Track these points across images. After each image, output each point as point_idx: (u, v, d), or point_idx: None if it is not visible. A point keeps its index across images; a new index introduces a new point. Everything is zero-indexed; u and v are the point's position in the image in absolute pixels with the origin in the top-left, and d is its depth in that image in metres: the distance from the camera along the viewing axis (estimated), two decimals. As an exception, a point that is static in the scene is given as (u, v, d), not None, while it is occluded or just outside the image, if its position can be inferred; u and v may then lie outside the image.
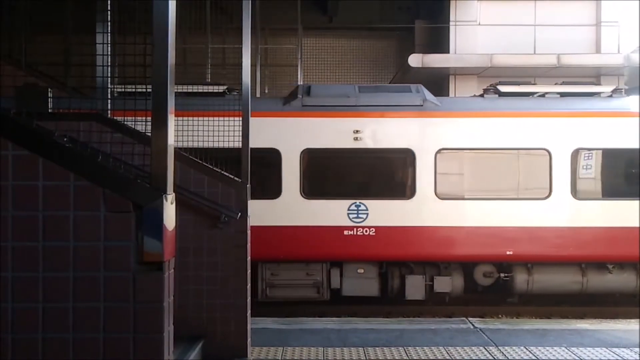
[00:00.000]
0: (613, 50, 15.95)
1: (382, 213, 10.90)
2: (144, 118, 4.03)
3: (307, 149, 11.02)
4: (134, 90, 3.72)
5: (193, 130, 10.60)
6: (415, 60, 15.27)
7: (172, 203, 3.27)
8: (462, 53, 15.94)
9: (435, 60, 15.52)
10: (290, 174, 10.99)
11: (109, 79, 6.30)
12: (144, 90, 3.45)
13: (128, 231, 3.13)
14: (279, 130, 11.05)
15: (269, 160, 11.00)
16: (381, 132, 11.06)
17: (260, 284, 11.09)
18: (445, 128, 11.04)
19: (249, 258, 6.36)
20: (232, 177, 6.47)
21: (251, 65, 6.90)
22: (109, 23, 5.90)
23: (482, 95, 11.64)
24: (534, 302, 11.40)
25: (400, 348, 6.98)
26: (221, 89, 11.33)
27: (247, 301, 6.26)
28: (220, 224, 6.10)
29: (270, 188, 10.99)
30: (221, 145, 10.72)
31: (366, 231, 10.86)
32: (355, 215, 10.88)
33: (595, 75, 15.83)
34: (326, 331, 7.83)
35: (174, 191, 3.30)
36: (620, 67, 15.27)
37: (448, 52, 16.21)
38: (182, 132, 10.61)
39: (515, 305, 11.33)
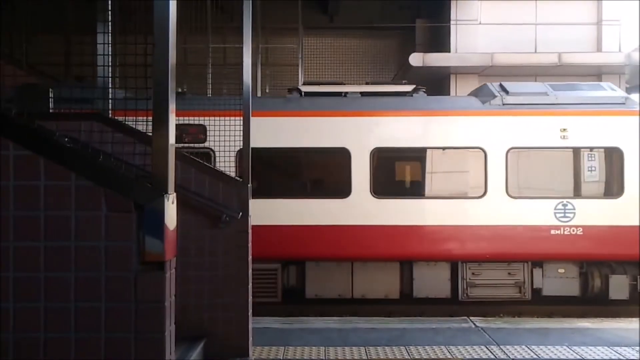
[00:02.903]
0: (614, 49, 15.94)
1: (589, 212, 10.84)
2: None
3: (513, 147, 11.00)
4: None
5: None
6: (416, 59, 15.28)
7: (173, 203, 3.26)
8: (463, 52, 15.93)
9: (436, 59, 15.52)
10: (496, 173, 10.97)
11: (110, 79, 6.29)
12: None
13: (129, 231, 3.13)
14: (483, 129, 11.04)
15: (473, 159, 11.06)
16: (587, 130, 10.97)
17: (460, 284, 11.16)
18: None
19: (250, 257, 6.36)
20: (233, 176, 6.47)
21: (252, 65, 6.89)
22: (110, 23, 5.90)
23: None
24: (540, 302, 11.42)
25: (401, 347, 6.98)
26: (408, 88, 11.45)
27: (248, 301, 6.26)
28: (222, 224, 6.09)
29: (475, 187, 11.02)
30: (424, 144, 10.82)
31: (573, 230, 10.81)
32: (562, 215, 10.85)
33: (597, 73, 15.82)
34: (327, 330, 7.83)
35: (175, 191, 3.30)
36: (622, 66, 15.27)
37: (449, 51, 16.21)
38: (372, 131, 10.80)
39: (516, 305, 11.32)
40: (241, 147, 10.87)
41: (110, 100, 6.43)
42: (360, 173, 10.99)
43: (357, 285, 11.25)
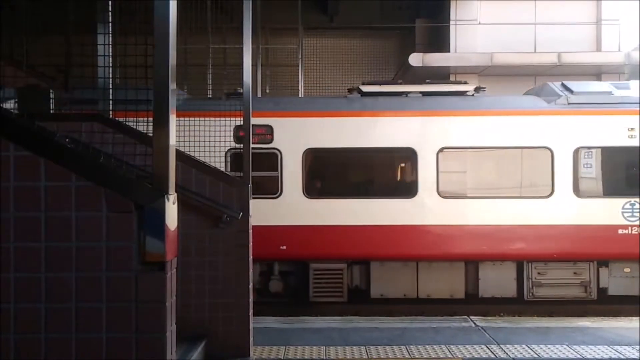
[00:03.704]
0: (614, 48, 15.95)
1: None
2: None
3: (580, 147, 10.98)
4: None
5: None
6: (415, 59, 15.28)
7: (173, 203, 3.27)
8: (462, 52, 15.94)
9: (435, 59, 15.52)
10: (563, 172, 10.97)
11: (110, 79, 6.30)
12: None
13: (130, 231, 3.13)
14: (550, 129, 11.01)
15: (540, 158, 11.03)
16: None
17: (526, 283, 11.16)
18: None
19: (250, 257, 6.36)
20: (233, 176, 6.48)
21: (252, 65, 6.90)
22: (110, 24, 5.90)
23: None
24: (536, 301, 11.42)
25: (402, 346, 6.98)
26: (470, 87, 11.50)
27: (249, 300, 6.26)
28: (222, 224, 6.09)
29: (542, 187, 11.01)
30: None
31: None
32: (630, 214, 10.84)
33: (596, 73, 15.83)
34: (328, 330, 7.83)
35: (175, 191, 3.30)
36: (621, 65, 15.27)
37: (448, 51, 16.21)
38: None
39: (516, 304, 11.33)
40: (308, 147, 11.07)
41: (110, 101, 6.45)
42: (427, 173, 10.97)
43: (422, 285, 11.23)
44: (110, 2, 6.09)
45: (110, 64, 6.06)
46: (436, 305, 11.28)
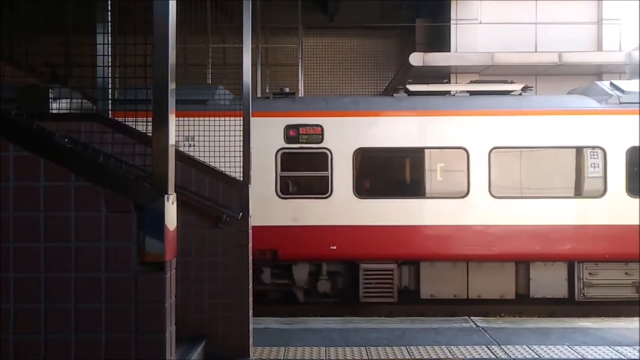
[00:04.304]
0: (614, 48, 15.92)
1: None
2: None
3: (633, 146, 10.92)
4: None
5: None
6: (416, 59, 15.24)
7: (173, 203, 3.26)
8: (463, 52, 15.92)
9: (436, 59, 15.49)
10: (615, 172, 10.92)
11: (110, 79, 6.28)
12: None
13: (129, 231, 3.13)
14: (602, 128, 10.98)
15: (592, 158, 10.99)
16: None
17: (577, 284, 11.09)
18: None
19: (250, 258, 6.35)
20: (233, 177, 6.46)
21: (251, 65, 6.89)
22: (109, 23, 5.89)
23: None
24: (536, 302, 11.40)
25: (402, 347, 6.97)
26: (517, 87, 11.44)
27: (249, 301, 6.25)
28: (222, 224, 6.09)
29: (593, 186, 10.99)
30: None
31: None
32: None
33: (597, 73, 15.81)
34: (328, 331, 7.82)
35: (175, 191, 3.29)
36: (622, 65, 15.25)
37: (449, 51, 16.19)
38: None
39: (517, 304, 11.31)
40: (359, 146, 11.04)
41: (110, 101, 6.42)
42: (478, 172, 10.93)
43: (472, 286, 11.19)
44: (109, 2, 6.08)
45: (116, 64, 6.05)
46: (438, 306, 11.26)
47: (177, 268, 3.43)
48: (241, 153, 6.69)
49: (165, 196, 3.14)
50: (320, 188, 11.00)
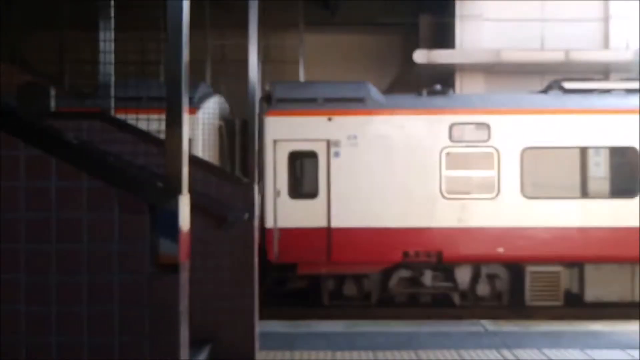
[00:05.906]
0: (622, 45, 15.80)
1: None
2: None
3: None
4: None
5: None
6: (421, 56, 15.08)
7: (186, 204, 3.20)
8: (468, 49, 15.73)
9: (442, 56, 15.32)
10: None
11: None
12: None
13: (142, 233, 3.06)
14: None
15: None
16: None
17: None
18: None
19: (256, 260, 6.27)
20: (239, 177, 6.40)
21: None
22: (112, 20, 5.85)
23: None
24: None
25: (410, 351, 6.89)
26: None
27: (254, 304, 6.18)
28: (228, 225, 6.00)
29: None
30: None
31: None
32: None
33: (604, 71, 15.69)
34: (334, 334, 7.75)
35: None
36: (630, 63, 15.13)
37: (453, 47, 16.00)
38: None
39: (527, 308, 11.17)
40: (526, 145, 10.81)
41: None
42: None
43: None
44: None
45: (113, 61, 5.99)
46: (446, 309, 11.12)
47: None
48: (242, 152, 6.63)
49: (180, 197, 3.07)
50: (487, 188, 10.73)
